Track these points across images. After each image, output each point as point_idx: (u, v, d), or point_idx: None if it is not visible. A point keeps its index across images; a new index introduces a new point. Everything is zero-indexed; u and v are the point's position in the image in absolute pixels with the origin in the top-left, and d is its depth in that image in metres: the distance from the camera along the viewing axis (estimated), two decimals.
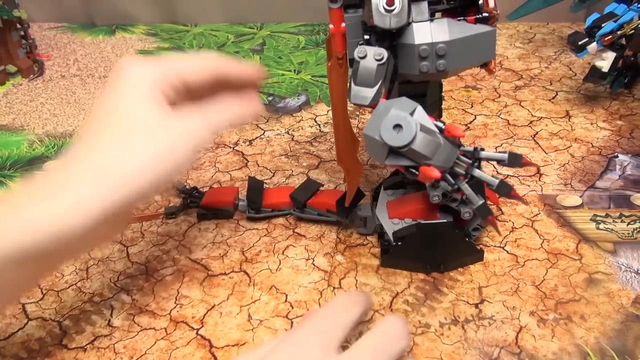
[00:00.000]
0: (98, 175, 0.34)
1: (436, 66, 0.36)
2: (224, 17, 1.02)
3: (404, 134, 0.32)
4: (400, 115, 0.33)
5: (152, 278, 0.47)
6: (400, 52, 0.37)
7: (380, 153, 0.34)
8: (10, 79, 0.83)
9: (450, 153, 0.34)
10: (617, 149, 0.61)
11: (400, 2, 0.34)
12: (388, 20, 0.35)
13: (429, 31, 0.36)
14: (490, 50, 0.37)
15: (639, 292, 0.43)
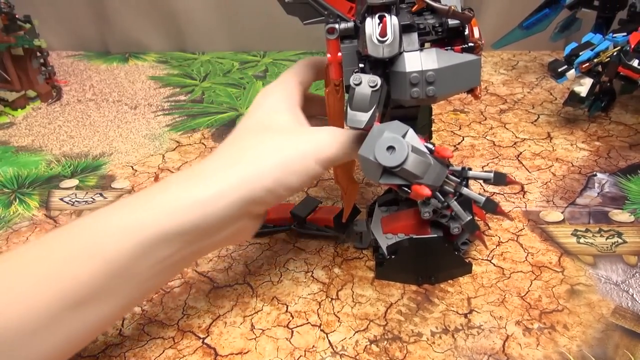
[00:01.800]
0: (240, 167, 0.36)
1: (426, 92, 0.36)
2: (229, 45, 1.02)
3: (397, 154, 0.33)
4: (393, 137, 0.33)
5: (161, 290, 0.47)
6: (393, 79, 0.37)
7: (374, 173, 0.34)
8: (30, 103, 0.83)
9: (439, 172, 0.34)
10: (595, 168, 0.61)
11: (392, 34, 0.35)
12: (381, 50, 0.35)
13: (419, 60, 0.36)
14: (475, 77, 0.37)
15: (618, 302, 0.43)
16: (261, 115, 0.40)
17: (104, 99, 0.84)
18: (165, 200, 0.35)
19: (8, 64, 0.80)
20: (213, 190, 0.35)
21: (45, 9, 1.00)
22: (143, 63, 0.98)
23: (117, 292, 0.35)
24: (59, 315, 0.33)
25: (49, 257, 0.33)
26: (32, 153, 0.70)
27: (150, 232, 0.34)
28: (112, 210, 0.36)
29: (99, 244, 0.34)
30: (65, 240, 0.35)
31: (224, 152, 0.39)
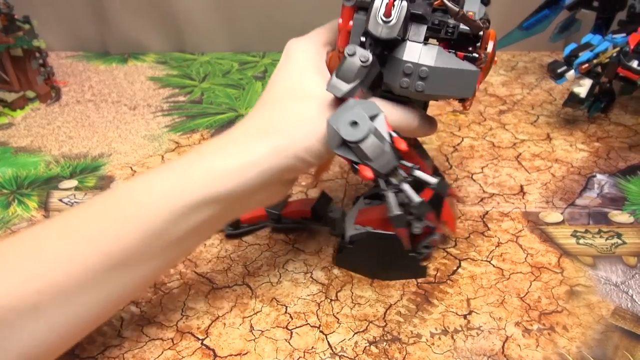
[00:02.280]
0: (271, 137, 0.37)
1: (415, 86, 0.36)
2: (229, 46, 1.02)
3: (357, 131, 0.33)
4: (360, 114, 0.33)
5: (159, 291, 0.47)
6: (388, 63, 0.37)
7: (334, 141, 0.34)
8: (29, 104, 0.83)
9: (390, 161, 0.34)
10: (595, 169, 0.61)
11: (397, 17, 0.34)
12: (380, 29, 0.34)
13: (419, 52, 0.36)
14: (469, 88, 0.37)
15: (617, 303, 0.43)
16: (289, 79, 0.40)
17: (103, 100, 0.84)
18: (201, 169, 0.37)
19: (7, 64, 0.80)
20: (246, 159, 0.37)
21: (45, 10, 1.00)
22: (142, 64, 0.98)
23: (156, 254, 0.36)
24: (101, 276, 0.34)
25: (93, 219, 0.35)
26: (31, 154, 0.70)
27: (188, 199, 0.36)
28: (152, 177, 0.37)
29: (140, 209, 0.35)
30: (108, 205, 0.36)
31: (254, 120, 0.39)
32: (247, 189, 0.37)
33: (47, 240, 0.35)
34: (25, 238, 0.36)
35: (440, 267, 0.47)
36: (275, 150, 0.37)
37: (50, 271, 0.34)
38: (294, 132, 0.37)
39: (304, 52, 0.41)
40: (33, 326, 0.33)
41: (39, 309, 0.33)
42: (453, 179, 0.60)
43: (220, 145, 0.38)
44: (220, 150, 0.38)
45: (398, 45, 0.36)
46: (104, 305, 0.36)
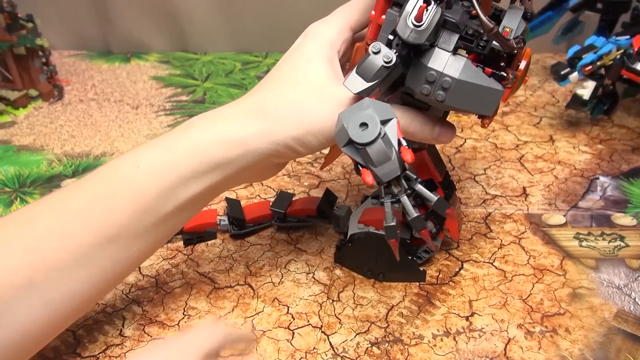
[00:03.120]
0: (263, 122, 0.37)
1: (436, 95, 0.35)
2: (231, 46, 1.02)
3: (366, 134, 0.32)
4: (372, 117, 0.33)
5: (161, 290, 0.47)
6: (413, 66, 0.36)
7: (341, 138, 0.34)
8: (32, 102, 0.83)
9: (393, 171, 0.33)
10: (598, 171, 0.61)
11: (428, 22, 0.33)
12: (407, 32, 0.33)
13: (445, 61, 0.35)
14: (491, 106, 0.36)
15: (620, 306, 0.43)
16: (296, 65, 0.39)
17: (105, 99, 0.84)
18: (188, 143, 0.37)
19: (10, 63, 0.80)
20: (233, 137, 0.37)
21: (48, 9, 1.00)
22: (145, 63, 0.98)
23: (147, 229, 0.37)
24: (93, 250, 0.35)
25: (82, 194, 0.36)
26: (33, 152, 0.70)
27: (174, 174, 0.36)
28: (139, 152, 0.37)
29: (128, 183, 0.36)
30: (97, 181, 0.37)
31: (250, 100, 0.39)
32: (232, 166, 0.37)
33: (39, 216, 0.35)
34: (18, 215, 0.36)
35: (442, 269, 0.47)
36: (263, 134, 0.37)
37: (42, 245, 0.34)
38: (286, 119, 0.37)
39: (320, 41, 0.40)
40: (28, 302, 0.34)
41: (33, 285, 0.33)
42: (455, 180, 0.60)
43: (210, 120, 0.38)
44: (209, 126, 0.38)
45: (426, 50, 0.35)
46: (98, 282, 0.36)
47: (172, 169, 0.36)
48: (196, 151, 0.37)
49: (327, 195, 0.52)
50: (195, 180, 0.37)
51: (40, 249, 0.34)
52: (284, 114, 0.37)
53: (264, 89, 0.39)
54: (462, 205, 0.55)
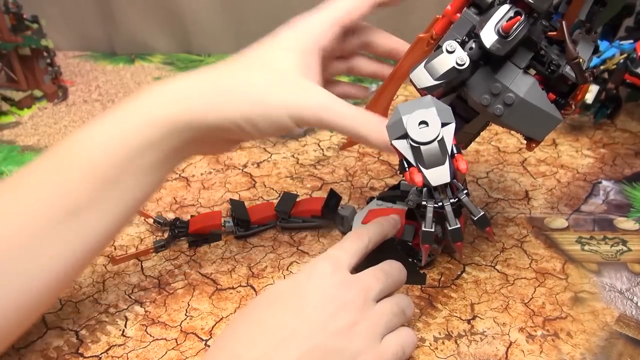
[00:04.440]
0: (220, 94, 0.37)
1: (495, 108, 0.34)
2: (235, 48, 1.01)
3: (423, 133, 0.32)
4: (434, 117, 0.32)
5: (164, 291, 0.47)
6: (479, 73, 0.35)
7: (395, 131, 0.33)
8: (36, 103, 0.83)
9: (443, 177, 0.33)
10: (600, 175, 0.61)
11: (515, 36, 0.32)
12: (492, 41, 0.32)
13: (514, 77, 0.34)
14: (544, 132, 0.35)
15: (622, 310, 0.43)
16: (268, 49, 0.40)
17: (109, 100, 0.84)
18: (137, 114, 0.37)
19: (15, 63, 0.80)
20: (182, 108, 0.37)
21: (53, 10, 1.01)
22: (149, 64, 0.99)
23: (106, 201, 0.36)
24: (55, 226, 0.35)
25: (37, 171, 0.36)
26: (37, 152, 0.70)
27: (129, 144, 0.36)
28: (94, 127, 0.37)
29: (84, 157, 0.36)
30: (51, 156, 0.37)
31: (207, 75, 0.39)
32: (182, 136, 0.37)
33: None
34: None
35: (444, 272, 0.47)
36: (214, 108, 0.37)
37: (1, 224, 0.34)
38: (242, 98, 0.37)
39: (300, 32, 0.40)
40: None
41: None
42: None
43: (163, 90, 0.38)
44: (161, 96, 0.38)
45: (497, 61, 0.34)
46: (68, 257, 0.36)
47: (125, 140, 0.36)
48: (148, 123, 0.37)
49: (332, 195, 0.52)
50: (149, 150, 0.37)
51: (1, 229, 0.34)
52: (241, 92, 0.37)
53: (231, 65, 0.40)
54: None
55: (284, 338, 0.33)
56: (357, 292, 0.36)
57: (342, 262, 0.38)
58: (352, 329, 0.34)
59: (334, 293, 0.35)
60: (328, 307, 0.35)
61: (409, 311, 0.38)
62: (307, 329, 0.34)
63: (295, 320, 0.34)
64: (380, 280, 0.38)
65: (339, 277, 0.37)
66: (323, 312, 0.34)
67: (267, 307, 0.36)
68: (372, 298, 0.37)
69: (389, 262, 0.40)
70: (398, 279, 0.39)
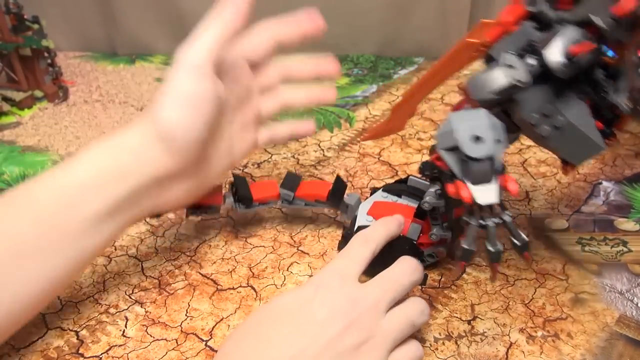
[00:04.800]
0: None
1: (542, 129, 0.34)
2: None
3: (479, 149, 0.31)
4: (489, 133, 0.31)
5: (164, 291, 0.47)
6: (532, 91, 0.34)
7: (444, 142, 0.32)
8: (37, 103, 0.83)
9: (490, 197, 0.32)
10: (601, 176, 0.61)
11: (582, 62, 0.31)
12: (557, 62, 0.31)
13: (567, 100, 0.33)
14: (581, 156, 0.35)
15: (622, 311, 0.43)
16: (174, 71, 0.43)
17: (110, 100, 0.84)
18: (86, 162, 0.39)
19: (16, 64, 0.81)
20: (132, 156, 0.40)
21: (53, 10, 1.01)
22: (149, 65, 0.99)
23: (54, 247, 0.38)
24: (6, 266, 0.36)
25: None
26: (38, 153, 0.70)
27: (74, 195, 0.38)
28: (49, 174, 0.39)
29: (36, 201, 0.38)
30: (9, 196, 0.38)
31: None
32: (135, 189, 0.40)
33: None
34: None
35: (444, 272, 0.47)
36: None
37: None
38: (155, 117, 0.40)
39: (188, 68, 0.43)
40: None
41: None
42: None
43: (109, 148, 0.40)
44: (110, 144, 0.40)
45: (555, 82, 0.33)
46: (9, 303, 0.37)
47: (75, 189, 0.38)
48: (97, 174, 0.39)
49: (338, 182, 0.51)
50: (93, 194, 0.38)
51: None
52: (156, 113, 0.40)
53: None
54: None
55: (292, 357, 0.33)
56: (365, 308, 0.35)
57: (350, 273, 0.37)
58: (360, 347, 0.34)
59: (342, 310, 0.35)
60: (336, 325, 0.34)
61: (419, 320, 0.37)
62: (316, 348, 0.33)
63: (304, 339, 0.34)
64: (388, 290, 0.37)
65: (347, 291, 0.36)
66: (331, 331, 0.34)
67: (273, 322, 0.35)
68: (381, 311, 0.36)
69: (398, 265, 0.39)
70: (408, 283, 0.38)
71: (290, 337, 0.34)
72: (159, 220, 0.55)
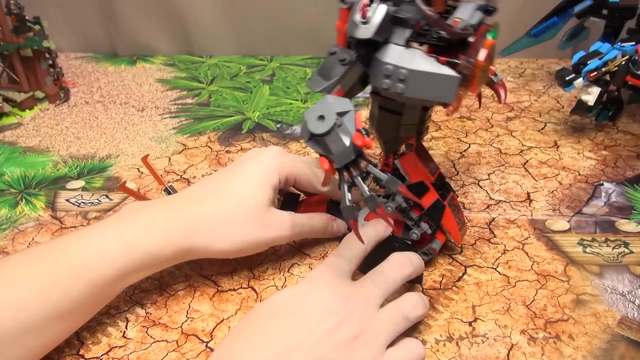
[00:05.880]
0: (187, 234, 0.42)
1: (395, 87, 0.37)
2: (236, 49, 1.03)
3: (323, 125, 0.34)
4: (329, 109, 0.35)
5: (165, 293, 0.47)
6: (373, 65, 0.38)
7: (305, 135, 0.36)
8: (38, 104, 0.84)
9: (346, 154, 0.35)
10: (602, 177, 0.60)
11: (373, 19, 0.35)
12: (356, 29, 0.36)
13: (399, 55, 0.36)
14: (449, 93, 0.37)
15: (624, 313, 0.43)
16: (247, 185, 0.44)
17: (111, 101, 0.84)
18: (146, 243, 0.40)
19: (17, 64, 0.81)
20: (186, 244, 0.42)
21: (55, 11, 1.01)
22: (150, 66, 0.99)
23: (96, 304, 0.41)
24: (46, 322, 0.37)
25: (44, 272, 0.38)
26: (39, 154, 0.70)
27: (132, 266, 0.40)
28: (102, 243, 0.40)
29: (90, 270, 0.39)
30: (59, 260, 0.39)
31: (206, 205, 0.43)
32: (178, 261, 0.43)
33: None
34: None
35: (445, 274, 0.47)
36: (209, 245, 0.42)
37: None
38: (230, 237, 0.43)
39: (267, 166, 0.46)
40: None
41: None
42: (459, 185, 0.59)
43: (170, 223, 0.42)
44: (168, 229, 0.41)
45: (381, 47, 0.37)
46: (43, 348, 0.39)
47: (131, 264, 0.40)
48: (154, 253, 0.41)
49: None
50: (145, 271, 0.41)
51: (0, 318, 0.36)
52: (228, 232, 0.43)
53: (216, 199, 0.44)
54: (465, 210, 0.55)
55: (289, 349, 0.34)
56: (358, 303, 0.37)
57: (343, 270, 0.39)
58: (354, 341, 0.35)
59: (335, 305, 0.36)
60: (331, 319, 0.35)
61: (412, 314, 0.38)
62: (311, 342, 0.34)
63: (299, 332, 0.35)
64: (379, 285, 0.39)
65: (340, 287, 0.38)
66: (326, 325, 0.35)
67: (270, 317, 0.36)
68: (373, 306, 0.37)
69: (389, 261, 0.41)
70: (399, 277, 0.40)
71: (286, 331, 0.35)
72: None
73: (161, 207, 0.43)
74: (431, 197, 0.45)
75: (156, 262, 0.41)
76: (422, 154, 0.47)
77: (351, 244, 0.42)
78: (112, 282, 0.40)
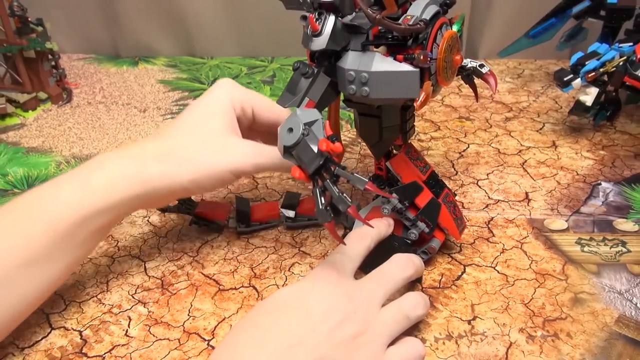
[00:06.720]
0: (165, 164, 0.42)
1: (361, 91, 0.38)
2: (238, 50, 1.03)
3: (291, 137, 0.35)
4: (296, 121, 0.35)
5: (167, 291, 0.47)
6: (338, 73, 0.39)
7: (280, 148, 0.36)
8: (41, 105, 0.84)
9: (315, 161, 0.35)
10: (600, 177, 0.61)
11: (325, 30, 0.36)
12: (310, 42, 0.37)
13: (359, 60, 0.37)
14: (413, 88, 0.37)
15: (621, 311, 0.43)
16: (198, 116, 0.45)
17: (113, 102, 0.84)
18: (102, 177, 0.41)
19: (20, 66, 0.81)
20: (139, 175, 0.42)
21: (57, 12, 1.01)
22: (152, 67, 0.99)
23: (61, 254, 0.40)
24: (12, 272, 0.37)
25: (4, 219, 0.39)
26: (42, 154, 0.70)
27: (89, 207, 0.40)
28: (59, 183, 0.41)
29: (48, 213, 0.39)
30: (18, 207, 0.40)
31: (155, 144, 0.44)
32: (138, 199, 0.42)
33: None
34: None
35: (445, 273, 0.47)
36: (165, 175, 0.42)
37: None
38: (185, 165, 0.43)
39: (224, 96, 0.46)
40: None
41: None
42: (459, 185, 0.60)
43: (120, 159, 0.43)
44: (119, 165, 0.42)
45: (342, 56, 0.38)
46: (18, 303, 0.39)
47: (88, 201, 0.40)
48: (109, 186, 0.41)
49: None
50: (107, 211, 0.41)
51: None
52: (183, 160, 0.43)
53: (169, 134, 0.45)
54: (464, 209, 0.55)
55: (291, 346, 0.34)
56: (360, 301, 0.37)
57: (346, 268, 0.39)
58: (356, 339, 0.35)
59: (338, 303, 0.36)
60: (333, 318, 0.35)
61: (413, 313, 0.39)
62: (313, 339, 0.34)
63: (302, 329, 0.35)
64: (382, 285, 0.39)
65: (343, 285, 0.38)
66: (328, 323, 0.35)
67: (272, 313, 0.36)
68: (375, 305, 0.37)
69: (392, 262, 0.41)
70: (401, 277, 0.40)
71: (289, 327, 0.35)
72: (162, 221, 0.55)
73: (116, 150, 0.44)
74: (426, 197, 0.45)
75: (113, 198, 0.41)
76: (411, 153, 0.47)
77: (355, 242, 0.42)
78: (73, 224, 0.40)
